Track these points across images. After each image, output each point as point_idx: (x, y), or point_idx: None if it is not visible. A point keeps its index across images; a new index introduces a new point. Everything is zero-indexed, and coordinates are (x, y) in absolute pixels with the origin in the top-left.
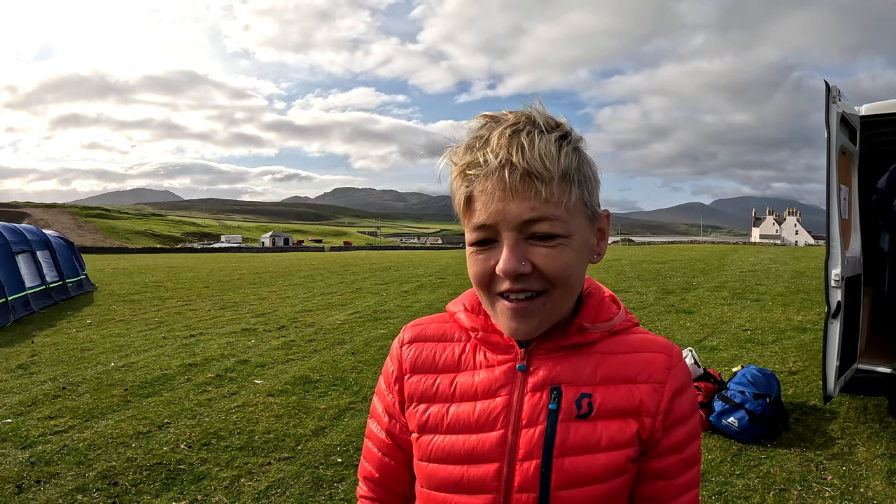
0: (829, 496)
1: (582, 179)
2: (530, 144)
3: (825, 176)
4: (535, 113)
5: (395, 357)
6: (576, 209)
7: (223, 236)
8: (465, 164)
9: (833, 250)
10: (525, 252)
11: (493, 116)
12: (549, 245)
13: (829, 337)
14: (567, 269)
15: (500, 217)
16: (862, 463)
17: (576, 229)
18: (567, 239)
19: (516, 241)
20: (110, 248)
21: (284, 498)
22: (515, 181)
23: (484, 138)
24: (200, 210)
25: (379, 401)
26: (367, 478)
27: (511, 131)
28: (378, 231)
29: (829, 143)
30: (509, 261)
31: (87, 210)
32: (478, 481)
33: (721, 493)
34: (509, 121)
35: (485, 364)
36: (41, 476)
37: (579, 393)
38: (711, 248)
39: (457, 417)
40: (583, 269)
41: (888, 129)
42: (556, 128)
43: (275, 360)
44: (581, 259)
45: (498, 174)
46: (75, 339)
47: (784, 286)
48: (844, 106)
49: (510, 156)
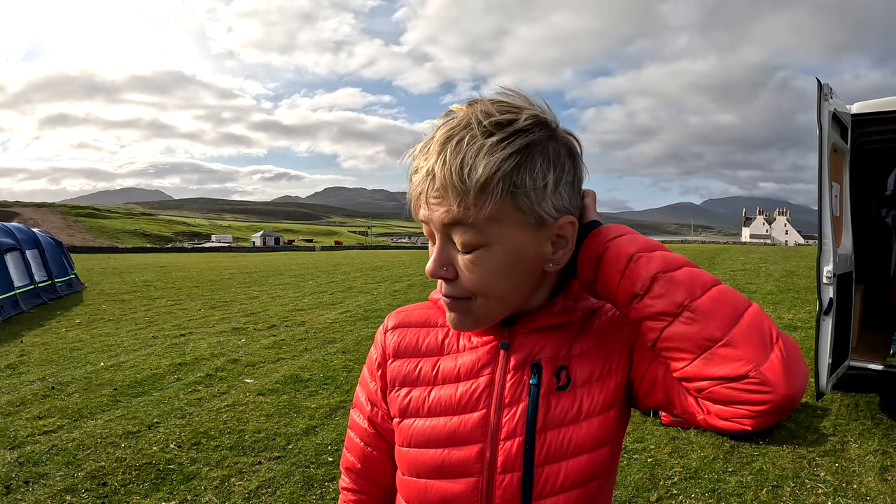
0: (822, 492)
1: (515, 186)
2: (454, 154)
3: (815, 174)
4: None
5: (378, 343)
6: (502, 218)
7: (214, 236)
8: (413, 168)
9: (825, 247)
10: (450, 258)
11: (450, 112)
12: (468, 257)
13: (820, 334)
14: (484, 282)
15: (427, 219)
16: (854, 459)
17: (499, 238)
18: (487, 249)
19: (443, 245)
20: (100, 247)
21: (275, 497)
22: (433, 191)
23: (429, 143)
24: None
25: (361, 390)
26: (350, 469)
27: (445, 137)
28: (369, 230)
29: (820, 140)
30: (431, 264)
31: (76, 209)
32: (459, 464)
33: (714, 491)
34: (454, 122)
35: (468, 346)
36: (30, 476)
37: (558, 366)
38: (702, 248)
39: (438, 400)
40: (517, 278)
41: (879, 127)
42: (504, 126)
43: (265, 359)
44: (512, 268)
45: (424, 181)
46: (64, 338)
47: (774, 285)
48: (836, 104)
49: (434, 164)
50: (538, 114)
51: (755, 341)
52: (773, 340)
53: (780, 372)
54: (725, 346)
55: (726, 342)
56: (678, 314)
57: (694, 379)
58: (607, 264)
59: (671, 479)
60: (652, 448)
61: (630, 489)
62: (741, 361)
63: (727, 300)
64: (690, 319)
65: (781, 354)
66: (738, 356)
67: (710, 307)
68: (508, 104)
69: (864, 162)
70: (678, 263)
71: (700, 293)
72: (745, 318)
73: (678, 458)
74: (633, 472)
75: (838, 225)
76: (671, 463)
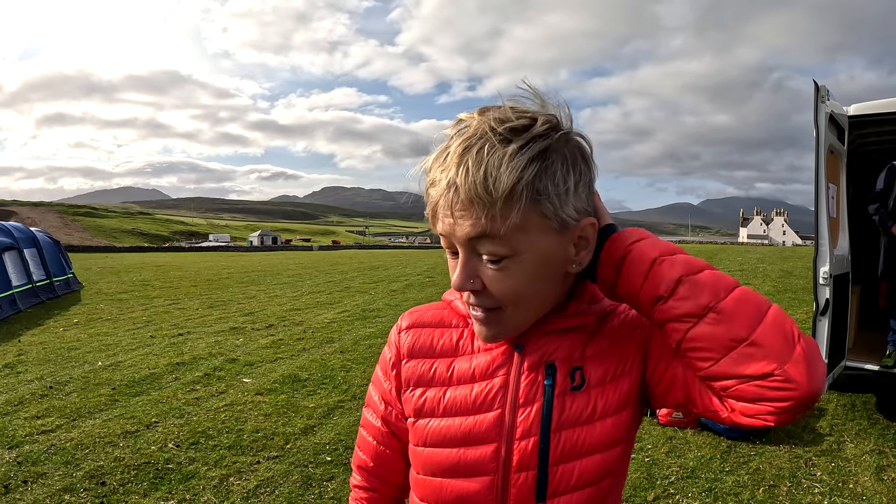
0: (819, 492)
1: (538, 193)
2: (476, 164)
3: (812, 175)
4: (502, 116)
5: (392, 343)
6: (527, 226)
7: (211, 235)
8: (429, 180)
9: (821, 248)
10: (476, 269)
11: (462, 121)
12: (496, 267)
13: (817, 334)
14: (514, 291)
15: (451, 232)
16: (851, 459)
17: (527, 247)
18: (515, 259)
19: (468, 258)
20: (97, 246)
21: (273, 497)
22: (458, 203)
23: (445, 153)
24: (188, 209)
25: (375, 389)
26: (362, 467)
27: (464, 147)
28: (367, 230)
29: (817, 141)
30: (458, 277)
31: (74, 208)
32: (475, 463)
33: (711, 490)
34: (468, 132)
35: (483, 348)
36: (28, 476)
37: (572, 367)
38: (699, 248)
39: (454, 400)
40: (544, 284)
41: (876, 129)
42: (521, 132)
43: (263, 358)
44: (540, 275)
45: (446, 194)
46: (62, 338)
47: (772, 285)
48: (833, 105)
49: (456, 176)
50: (552, 117)
51: (779, 340)
52: (795, 339)
53: (804, 369)
54: (751, 345)
55: (752, 342)
56: (703, 315)
57: (720, 377)
58: (630, 268)
59: (668, 479)
60: (649, 448)
61: (627, 488)
62: (766, 360)
63: (750, 301)
64: (716, 320)
65: (804, 352)
66: (763, 355)
67: (735, 308)
68: (522, 109)
69: (862, 163)
70: (700, 266)
71: (724, 295)
72: (769, 318)
73: (675, 457)
74: (630, 472)
75: (835, 226)
76: (668, 462)
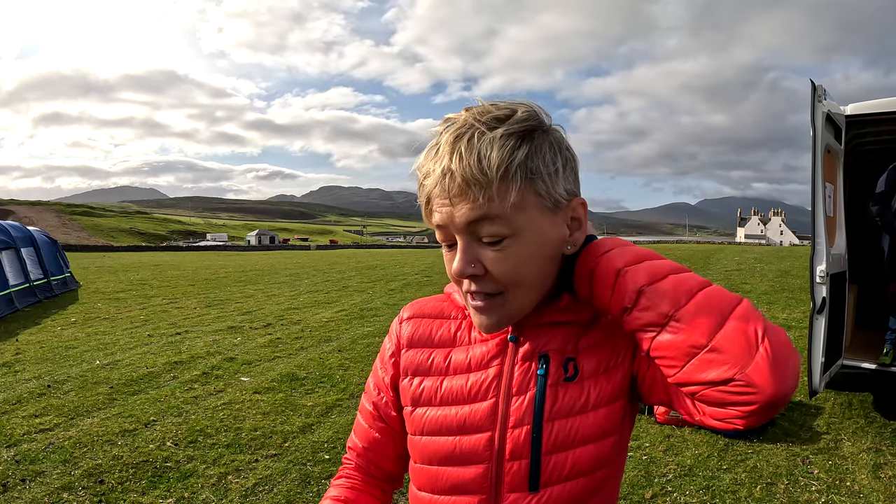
0: (816, 490)
1: (531, 172)
2: (468, 149)
3: (809, 174)
4: (486, 109)
5: (393, 333)
6: (525, 204)
7: (209, 234)
8: (422, 174)
9: (818, 247)
10: (476, 254)
11: (448, 119)
12: (497, 249)
13: (814, 333)
14: (516, 271)
15: (448, 220)
16: (848, 457)
17: (526, 225)
18: (515, 238)
19: (468, 244)
20: (95, 245)
21: (272, 495)
22: (454, 188)
23: (436, 146)
24: (186, 208)
25: (371, 377)
26: (352, 448)
27: (454, 137)
28: (364, 229)
29: (814, 141)
30: (458, 263)
31: (71, 207)
32: (470, 451)
33: (708, 488)
34: (457, 124)
35: (479, 339)
36: (26, 475)
37: (565, 358)
38: (697, 248)
39: (450, 390)
40: (544, 264)
41: (873, 128)
42: (504, 121)
43: (261, 357)
44: (539, 254)
45: (441, 182)
46: (60, 337)
47: (769, 285)
48: (830, 105)
49: (450, 163)
50: (531, 107)
51: (740, 345)
52: (758, 341)
53: (766, 373)
54: (711, 351)
55: (711, 348)
56: (665, 324)
57: (685, 384)
58: (598, 280)
59: (666, 477)
60: (647, 446)
61: (625, 486)
62: (726, 366)
63: (713, 304)
64: (676, 329)
65: (767, 355)
66: (723, 361)
67: (695, 313)
68: (503, 104)
69: (859, 162)
70: (664, 272)
71: (685, 301)
72: (730, 322)
73: (673, 455)
74: (627, 470)
75: (832, 225)
76: (666, 460)
